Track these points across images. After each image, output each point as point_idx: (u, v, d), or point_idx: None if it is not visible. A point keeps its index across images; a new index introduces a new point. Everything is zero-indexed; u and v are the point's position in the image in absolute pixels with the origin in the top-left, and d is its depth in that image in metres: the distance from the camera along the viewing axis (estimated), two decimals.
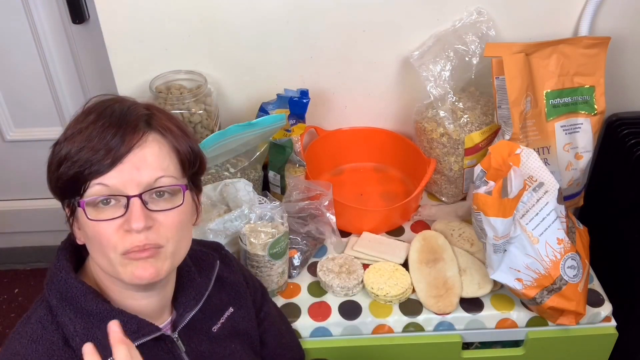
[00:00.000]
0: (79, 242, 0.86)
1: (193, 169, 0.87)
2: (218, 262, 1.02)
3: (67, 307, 0.84)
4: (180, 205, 0.83)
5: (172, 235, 0.82)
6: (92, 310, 0.84)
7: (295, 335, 1.24)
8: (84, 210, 0.79)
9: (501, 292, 1.33)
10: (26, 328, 0.84)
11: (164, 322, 0.93)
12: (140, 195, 0.78)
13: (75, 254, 0.89)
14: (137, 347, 0.85)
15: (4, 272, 2.23)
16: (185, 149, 0.84)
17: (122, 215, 0.79)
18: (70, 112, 1.92)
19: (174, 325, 0.94)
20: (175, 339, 0.92)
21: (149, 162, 0.79)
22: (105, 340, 0.82)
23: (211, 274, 0.99)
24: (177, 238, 0.83)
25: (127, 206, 0.78)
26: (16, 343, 0.83)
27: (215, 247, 1.08)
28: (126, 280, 0.82)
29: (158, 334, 0.88)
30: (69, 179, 0.78)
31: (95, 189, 0.78)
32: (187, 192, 0.85)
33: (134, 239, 0.79)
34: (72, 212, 0.83)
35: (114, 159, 0.77)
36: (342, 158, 1.67)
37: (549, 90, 1.40)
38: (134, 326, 0.85)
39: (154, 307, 0.90)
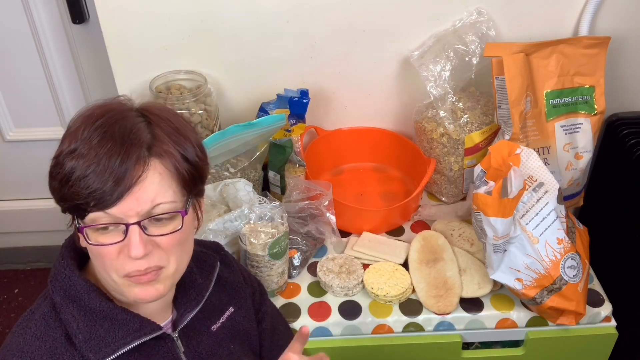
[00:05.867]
0: (82, 245, 0.86)
1: (195, 188, 0.87)
2: (218, 263, 1.02)
3: (71, 304, 0.84)
4: (180, 229, 0.83)
5: (172, 255, 0.83)
6: (95, 308, 0.84)
7: (293, 335, 1.24)
8: (84, 235, 0.80)
9: (501, 292, 1.33)
10: (30, 324, 0.85)
11: (164, 321, 0.93)
12: (138, 223, 0.79)
13: (79, 252, 0.89)
14: (138, 346, 0.85)
15: (4, 272, 2.23)
16: (184, 173, 0.83)
17: (122, 241, 0.79)
18: (70, 112, 1.92)
19: (174, 324, 0.95)
20: (175, 339, 0.92)
21: (148, 192, 0.79)
22: (108, 338, 0.83)
23: (212, 274, 1.00)
24: (177, 256, 0.84)
25: (126, 232, 0.79)
26: (20, 338, 0.84)
27: (214, 248, 1.08)
28: (129, 299, 0.84)
29: (159, 332, 0.88)
30: (72, 207, 0.79)
31: (95, 215, 0.78)
32: (187, 217, 0.84)
33: (134, 264, 0.80)
34: (74, 218, 0.83)
35: (117, 196, 0.77)
36: (342, 158, 1.67)
37: (549, 90, 1.40)
38: (136, 325, 0.85)
39: (155, 309, 0.91)
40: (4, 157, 2.02)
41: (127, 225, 0.78)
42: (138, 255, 0.79)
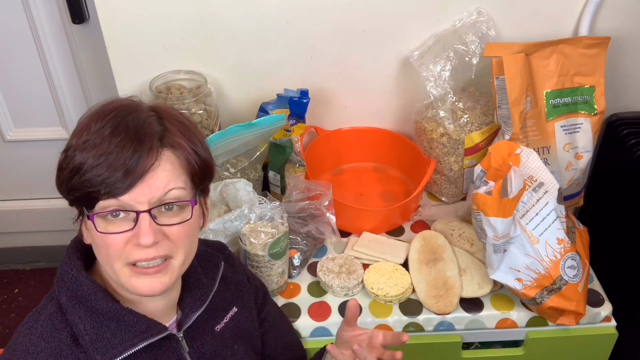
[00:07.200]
0: (86, 242, 0.86)
1: (203, 183, 0.88)
2: (223, 262, 1.02)
3: (77, 305, 0.84)
4: (189, 219, 0.84)
5: (181, 246, 0.84)
6: (102, 309, 0.84)
7: (296, 335, 1.25)
8: (93, 223, 0.80)
9: (501, 292, 1.33)
10: (36, 324, 0.85)
11: (169, 321, 0.93)
12: (149, 211, 0.79)
13: (85, 252, 0.89)
14: (145, 347, 0.85)
15: (4, 272, 2.23)
16: (194, 165, 0.84)
17: (131, 229, 0.79)
18: (70, 112, 1.92)
19: (178, 324, 0.95)
20: (180, 339, 0.93)
21: (160, 179, 0.80)
22: (115, 339, 0.83)
23: (216, 274, 1.00)
24: (185, 248, 0.85)
25: (136, 220, 0.79)
26: (26, 339, 0.84)
27: (219, 248, 1.08)
28: (132, 291, 0.84)
29: (166, 333, 0.88)
30: (82, 195, 0.79)
31: (106, 202, 0.79)
32: (196, 207, 0.85)
33: (142, 252, 0.80)
34: (81, 213, 0.83)
35: (130, 184, 0.78)
36: (342, 158, 1.67)
37: (549, 90, 1.40)
38: (143, 326, 0.86)
39: (160, 308, 0.91)
40: (4, 157, 2.02)
41: (138, 213, 0.79)
42: (147, 243, 0.79)
